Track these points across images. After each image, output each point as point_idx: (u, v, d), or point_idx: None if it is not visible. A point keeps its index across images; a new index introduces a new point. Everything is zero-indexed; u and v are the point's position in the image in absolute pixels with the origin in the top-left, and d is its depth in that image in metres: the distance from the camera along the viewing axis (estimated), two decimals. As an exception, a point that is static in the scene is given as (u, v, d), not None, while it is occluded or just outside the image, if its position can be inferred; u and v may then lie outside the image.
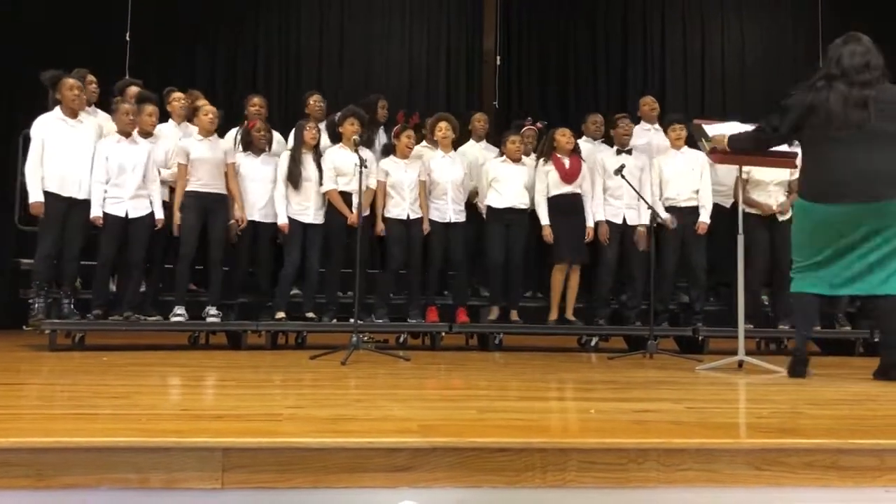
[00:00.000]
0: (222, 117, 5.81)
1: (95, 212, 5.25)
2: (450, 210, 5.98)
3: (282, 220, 5.72)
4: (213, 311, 5.58)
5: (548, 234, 5.94)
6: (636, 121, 6.78)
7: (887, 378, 3.74)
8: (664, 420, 2.29)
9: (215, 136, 5.71)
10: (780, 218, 5.91)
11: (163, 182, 5.55)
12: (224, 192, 5.62)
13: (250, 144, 5.79)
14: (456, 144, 6.29)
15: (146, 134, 5.57)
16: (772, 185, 5.97)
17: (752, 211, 5.91)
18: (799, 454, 1.84)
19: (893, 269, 3.67)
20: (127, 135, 5.39)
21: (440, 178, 5.98)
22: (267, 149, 5.85)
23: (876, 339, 5.88)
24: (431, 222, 5.95)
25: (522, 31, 10.04)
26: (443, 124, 6.07)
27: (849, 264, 3.72)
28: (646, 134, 6.69)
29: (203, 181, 5.52)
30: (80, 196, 5.26)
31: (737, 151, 4.23)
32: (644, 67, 10.19)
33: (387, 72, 9.75)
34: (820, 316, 6.00)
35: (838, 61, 3.75)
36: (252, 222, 5.70)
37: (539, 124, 6.70)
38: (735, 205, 5.99)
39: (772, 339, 6.34)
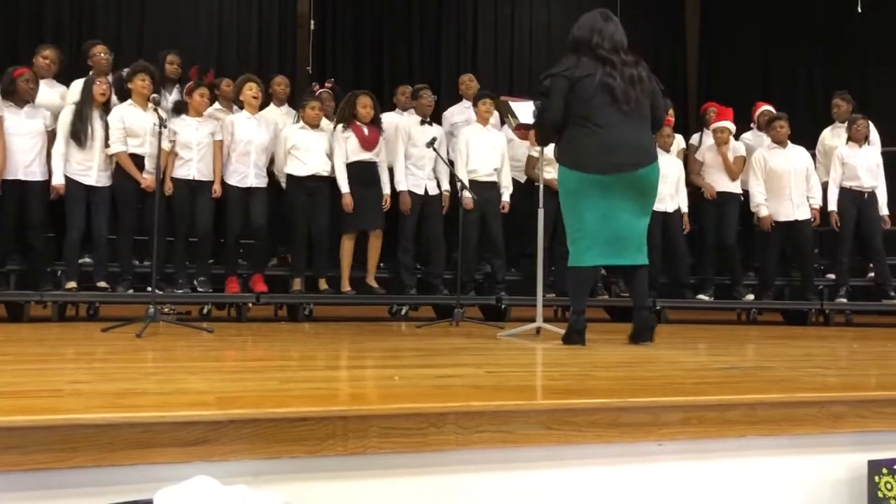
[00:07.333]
0: None
1: None
2: (251, 174, 5.77)
3: (57, 180, 5.30)
4: (-15, 279, 5.08)
5: (348, 203, 5.87)
6: (458, 98, 6.88)
7: (638, 341, 3.95)
8: (464, 385, 2.36)
9: None
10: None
11: None
12: None
13: (14, 95, 5.25)
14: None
15: None
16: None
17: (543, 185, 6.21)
18: (585, 413, 1.96)
19: (643, 241, 3.94)
20: None
21: (244, 140, 5.74)
22: (31, 101, 5.34)
23: (658, 308, 6.42)
24: (230, 187, 5.71)
25: (337, -4, 9.88)
26: (252, 85, 5.83)
27: (615, 231, 3.85)
28: (465, 111, 6.79)
29: None
30: None
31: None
32: (457, 39, 10.36)
33: (194, 30, 9.24)
34: (603, 285, 6.49)
35: (611, 39, 3.87)
36: (18, 181, 5.21)
37: (328, 83, 6.61)
38: (529, 179, 6.31)
39: (567, 308, 6.72)
